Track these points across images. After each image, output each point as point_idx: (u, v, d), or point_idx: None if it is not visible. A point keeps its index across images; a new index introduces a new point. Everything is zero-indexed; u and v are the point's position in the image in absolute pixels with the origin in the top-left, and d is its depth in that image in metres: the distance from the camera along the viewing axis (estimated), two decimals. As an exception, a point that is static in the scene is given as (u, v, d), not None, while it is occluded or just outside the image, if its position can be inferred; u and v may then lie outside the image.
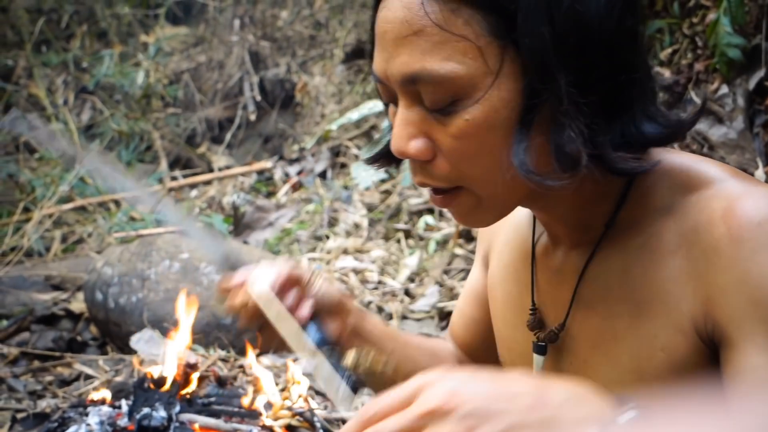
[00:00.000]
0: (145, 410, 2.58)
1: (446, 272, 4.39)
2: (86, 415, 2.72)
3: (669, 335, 0.97)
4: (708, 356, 0.95)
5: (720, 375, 0.92)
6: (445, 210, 1.31)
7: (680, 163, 1.01)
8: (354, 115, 4.56)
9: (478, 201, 0.99)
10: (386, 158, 1.09)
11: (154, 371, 2.83)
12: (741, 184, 0.95)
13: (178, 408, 2.67)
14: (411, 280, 4.43)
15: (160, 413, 2.57)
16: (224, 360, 3.44)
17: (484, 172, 0.95)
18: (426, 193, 4.97)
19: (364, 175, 3.31)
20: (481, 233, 1.38)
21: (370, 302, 4.10)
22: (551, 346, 1.12)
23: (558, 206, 1.05)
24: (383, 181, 5.12)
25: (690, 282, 0.95)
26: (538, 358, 1.14)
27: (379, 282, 4.39)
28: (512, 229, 1.24)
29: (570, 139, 0.90)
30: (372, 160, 1.12)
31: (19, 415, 2.76)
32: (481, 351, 1.40)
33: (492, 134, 0.93)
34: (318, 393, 3.23)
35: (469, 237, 4.71)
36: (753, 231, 0.90)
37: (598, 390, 0.79)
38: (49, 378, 3.42)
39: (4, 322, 4.23)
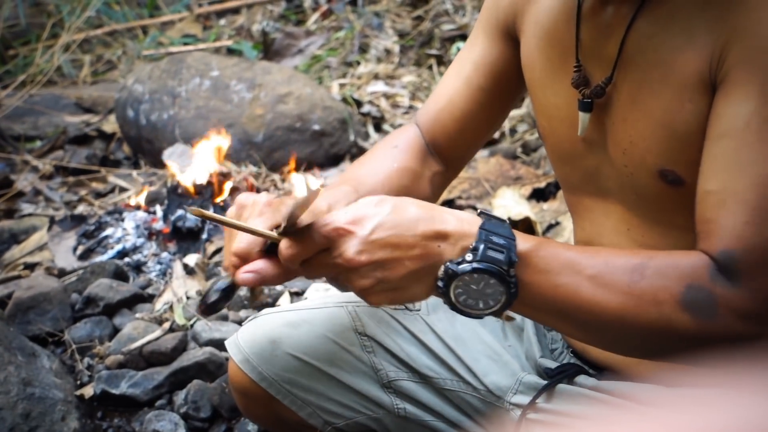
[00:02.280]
0: (179, 212, 2.61)
1: (478, 97, 4.33)
2: (122, 220, 2.77)
3: (695, 84, 0.99)
4: None
5: None
6: None
7: None
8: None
9: None
10: None
11: (187, 179, 2.85)
12: None
13: (212, 210, 2.70)
14: (442, 105, 4.39)
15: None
16: (256, 176, 3.47)
17: None
18: (458, 19, 4.84)
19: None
20: (495, 1, 1.31)
21: (401, 124, 4.07)
22: (596, 102, 1.11)
23: None
24: (416, 3, 4.99)
25: (717, 26, 0.96)
26: (583, 116, 1.13)
27: (410, 107, 4.35)
28: None
29: None
30: None
31: (57, 217, 2.82)
32: (459, 140, 1.36)
33: None
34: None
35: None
36: None
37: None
38: (84, 191, 3.47)
39: (38, 143, 4.27)
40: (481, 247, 0.95)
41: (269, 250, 1.00)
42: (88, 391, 1.97)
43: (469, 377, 1.33)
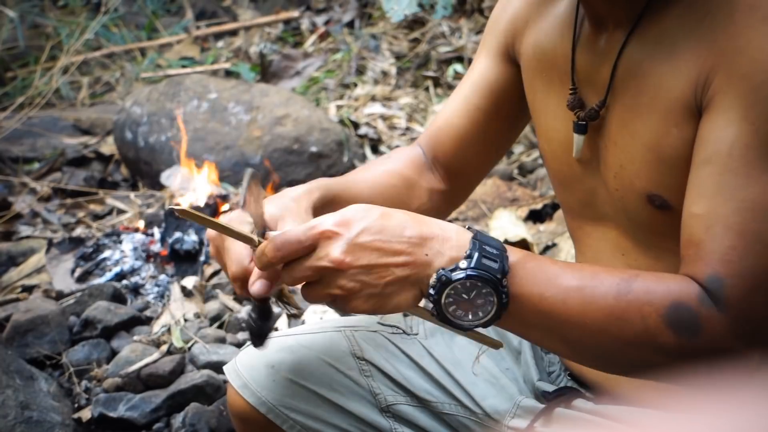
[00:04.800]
0: (177, 235, 2.62)
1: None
2: (120, 242, 2.77)
3: (681, 109, 1.00)
4: None
5: None
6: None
7: None
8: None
9: None
10: None
11: (185, 201, 2.86)
12: None
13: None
14: (439, 126, 4.40)
15: (192, 237, 2.61)
16: (253, 197, 3.47)
17: None
18: (455, 41, 4.88)
19: (397, 8, 3.21)
20: (498, 23, 1.34)
21: (397, 146, 4.09)
22: (591, 125, 1.13)
23: None
24: (412, 26, 5.03)
25: (703, 52, 0.98)
26: (578, 138, 1.15)
27: (407, 128, 4.37)
28: (553, 19, 1.23)
29: None
30: None
31: (55, 239, 2.83)
32: (460, 160, 1.38)
33: None
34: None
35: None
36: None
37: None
38: (82, 213, 3.48)
39: (36, 164, 4.28)
40: (476, 255, 0.95)
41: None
42: (86, 414, 1.97)
43: (467, 401, 1.33)
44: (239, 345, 2.20)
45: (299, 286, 0.99)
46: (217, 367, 2.07)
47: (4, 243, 3.01)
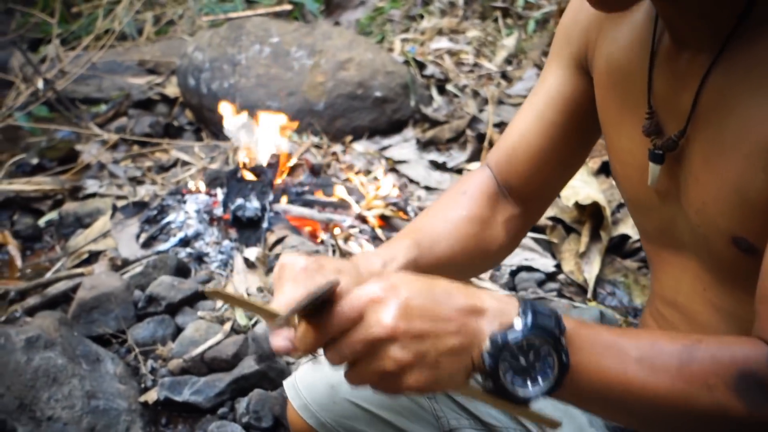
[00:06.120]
0: (239, 201, 2.59)
1: (545, 54, 4.18)
2: (184, 202, 2.76)
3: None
4: None
5: None
6: None
7: None
8: None
9: None
10: None
11: (248, 161, 2.82)
12: None
13: (271, 197, 2.67)
14: (508, 62, 4.25)
15: (254, 204, 2.58)
16: (317, 146, 3.42)
17: None
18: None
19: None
20: (570, 31, 1.23)
21: (465, 86, 3.96)
22: (669, 155, 1.03)
23: None
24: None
25: None
26: (653, 167, 1.05)
27: (475, 64, 4.22)
28: (628, 30, 1.11)
29: None
30: None
31: (120, 203, 2.83)
32: (535, 179, 1.28)
33: None
34: (411, 181, 3.20)
35: (571, 15, 4.43)
36: None
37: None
38: (147, 164, 3.48)
39: (103, 106, 4.28)
40: (529, 313, 0.87)
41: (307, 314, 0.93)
42: (152, 396, 1.98)
43: (533, 427, 1.28)
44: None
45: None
46: (280, 348, 2.06)
47: (70, 203, 3.03)
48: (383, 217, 2.71)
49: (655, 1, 0.98)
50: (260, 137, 3.01)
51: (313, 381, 1.33)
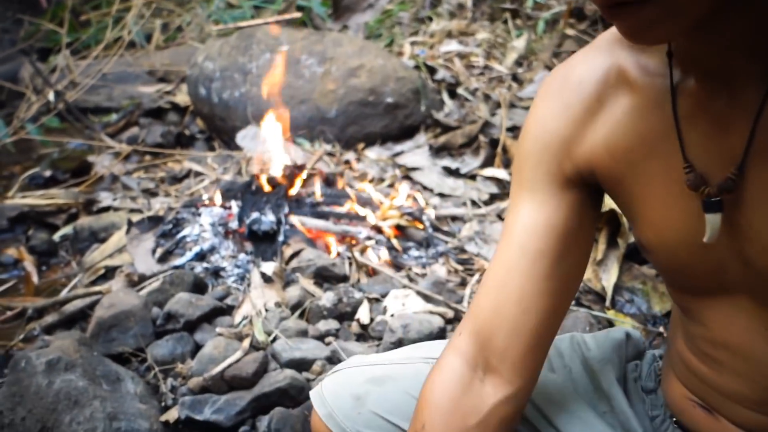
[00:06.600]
0: (255, 215, 2.58)
1: (556, 55, 4.16)
2: (199, 215, 2.75)
3: None
4: None
5: None
6: None
7: None
8: None
9: (663, 11, 0.82)
10: None
11: (261, 174, 2.82)
12: None
13: (286, 209, 2.67)
14: (519, 64, 4.23)
15: (269, 217, 2.57)
16: (330, 154, 3.41)
17: None
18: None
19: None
20: (535, 150, 1.12)
21: (476, 89, 3.94)
22: (726, 199, 0.96)
23: (737, 23, 0.87)
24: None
25: None
26: (712, 218, 0.97)
27: (486, 67, 4.21)
28: (619, 106, 1.05)
29: None
30: None
31: (135, 218, 2.82)
32: (526, 351, 1.12)
33: None
34: (425, 188, 3.19)
35: (581, 15, 4.41)
36: None
37: None
38: (160, 174, 3.48)
39: (114, 116, 4.29)
40: None
41: None
42: (173, 415, 1.98)
43: None
44: (321, 337, 2.17)
45: None
46: (300, 364, 2.05)
47: (85, 217, 3.03)
48: (399, 227, 2.70)
49: (697, 44, 0.93)
50: (273, 147, 3.01)
51: (338, 390, 1.33)
